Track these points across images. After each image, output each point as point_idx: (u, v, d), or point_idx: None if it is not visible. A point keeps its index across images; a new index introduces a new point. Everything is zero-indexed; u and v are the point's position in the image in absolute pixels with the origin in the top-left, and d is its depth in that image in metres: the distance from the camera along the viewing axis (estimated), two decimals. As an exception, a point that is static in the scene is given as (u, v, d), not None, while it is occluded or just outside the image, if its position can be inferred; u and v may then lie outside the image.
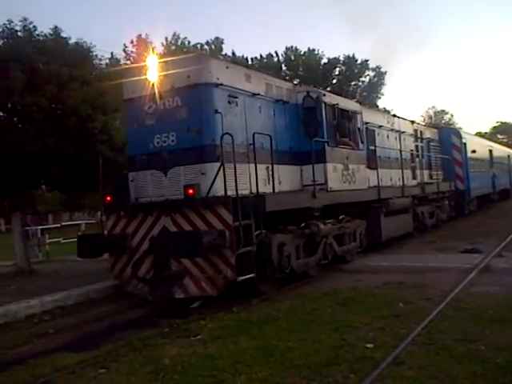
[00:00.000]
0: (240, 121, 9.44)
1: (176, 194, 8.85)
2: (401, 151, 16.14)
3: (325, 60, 48.99)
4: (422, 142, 19.18)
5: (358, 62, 49.95)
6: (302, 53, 48.90)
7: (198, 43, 47.61)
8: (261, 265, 8.87)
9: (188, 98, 8.87)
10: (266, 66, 45.13)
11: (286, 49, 49.28)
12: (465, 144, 23.31)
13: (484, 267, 10.38)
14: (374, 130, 14.42)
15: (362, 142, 13.00)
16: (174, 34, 46.50)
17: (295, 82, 11.58)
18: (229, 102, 9.20)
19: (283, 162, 10.31)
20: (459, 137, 23.24)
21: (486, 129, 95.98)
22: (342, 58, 49.59)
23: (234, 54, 47.27)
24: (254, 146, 9.12)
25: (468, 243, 13.72)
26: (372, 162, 13.75)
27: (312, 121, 11.05)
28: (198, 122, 8.79)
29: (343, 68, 49.71)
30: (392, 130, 16.08)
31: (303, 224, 10.25)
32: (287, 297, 8.81)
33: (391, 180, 15.25)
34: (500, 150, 37.57)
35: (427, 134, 20.27)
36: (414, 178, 17.53)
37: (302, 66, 48.34)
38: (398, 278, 9.82)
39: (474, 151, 24.76)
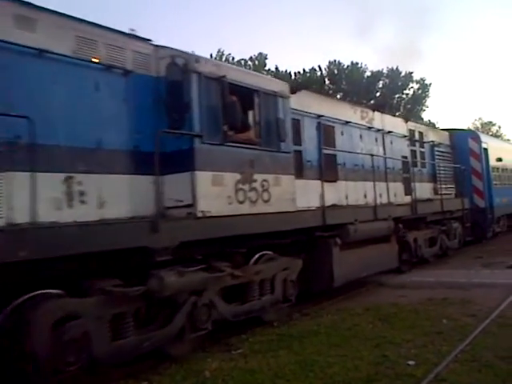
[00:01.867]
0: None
1: None
2: (385, 158, 12.42)
3: (368, 73, 48.81)
4: (422, 146, 14.89)
5: (402, 74, 49.52)
6: (345, 66, 48.83)
7: (242, 59, 48.35)
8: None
9: None
10: (309, 80, 45.30)
11: (329, 63, 49.33)
12: (486, 150, 18.96)
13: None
14: (332, 127, 10.53)
15: (283, 141, 8.27)
16: (219, 51, 47.39)
17: (156, 43, 7.17)
18: None
19: (112, 171, 6.28)
20: (478, 141, 18.72)
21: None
22: (385, 71, 49.31)
23: (277, 68, 47.68)
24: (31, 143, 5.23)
25: None
26: (330, 171, 10.11)
27: (177, 102, 6.98)
28: None
29: (387, 81, 49.36)
30: (370, 128, 12.01)
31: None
32: (328, 311, 8.78)
33: (365, 197, 11.20)
34: None
35: (431, 136, 15.78)
36: (409, 193, 13.08)
37: (346, 80, 48.25)
38: (441, 293, 9.66)
39: (499, 159, 20.45)
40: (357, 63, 48.71)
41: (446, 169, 16.33)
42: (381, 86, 49.36)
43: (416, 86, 50.55)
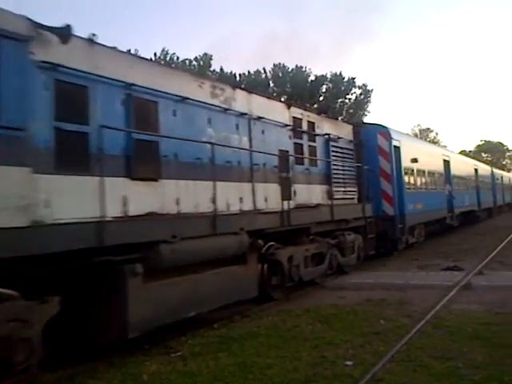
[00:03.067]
0: None
1: None
2: (251, 152, 9.45)
3: (312, 77, 49.52)
4: (312, 139, 11.90)
5: (345, 79, 50.56)
6: (290, 70, 49.36)
7: (187, 59, 47.96)
8: None
9: None
10: (253, 82, 45.46)
11: (274, 65, 49.74)
12: (398, 148, 16.50)
13: (464, 285, 10.47)
14: (154, 103, 7.50)
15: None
16: (163, 50, 46.80)
17: None
18: None
19: None
20: (388, 137, 15.98)
21: (471, 147, 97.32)
22: (329, 76, 50.18)
23: (222, 70, 47.62)
24: None
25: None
26: (146, 165, 7.14)
27: None
28: None
29: (330, 85, 50.25)
30: (227, 110, 9.00)
31: None
32: (268, 313, 8.80)
33: (213, 202, 8.13)
34: (464, 163, 30.31)
35: (327, 128, 12.69)
36: (288, 197, 10.25)
37: (290, 83, 48.76)
38: (379, 294, 9.88)
39: (414, 160, 18.04)
40: (301, 67, 49.39)
41: (345, 168, 13.33)
42: (324, 90, 50.21)
43: (358, 92, 51.77)
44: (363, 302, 9.30)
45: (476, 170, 32.36)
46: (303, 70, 49.46)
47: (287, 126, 10.91)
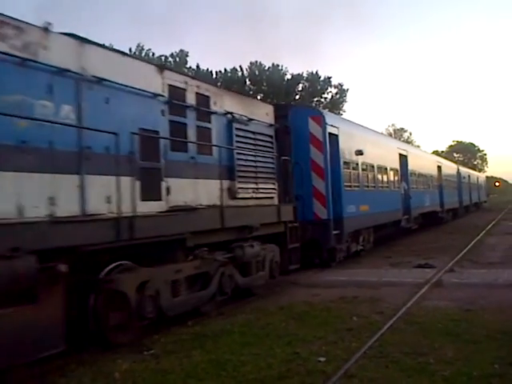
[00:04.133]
0: None
1: None
2: (79, 129, 6.46)
3: (288, 76, 49.71)
4: (205, 119, 9.02)
5: (321, 78, 50.89)
6: (267, 68, 49.45)
7: (163, 55, 47.59)
8: None
9: None
10: (230, 79, 45.40)
11: (251, 63, 49.79)
12: (335, 137, 13.62)
13: (436, 282, 10.63)
14: None
15: None
16: (138, 45, 46.37)
17: None
18: None
19: None
20: (322, 123, 13.05)
21: (444, 147, 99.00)
22: (305, 75, 50.44)
23: (198, 67, 47.42)
24: None
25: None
26: None
27: None
28: None
29: (306, 84, 50.51)
30: (28, 63, 5.91)
31: None
32: (242, 311, 8.79)
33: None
34: (425, 159, 27.78)
35: (229, 106, 9.72)
36: (154, 196, 7.64)
37: (266, 81, 48.83)
38: (353, 292, 9.96)
39: (359, 152, 15.17)
40: (278, 65, 49.54)
41: (259, 160, 10.33)
42: (300, 88, 50.45)
43: (334, 91, 52.17)
44: (336, 299, 9.36)
45: (439, 167, 29.83)
46: (280, 68, 49.59)
47: (158, 96, 7.94)
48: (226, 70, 48.73)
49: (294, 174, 11.83)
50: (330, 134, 13.36)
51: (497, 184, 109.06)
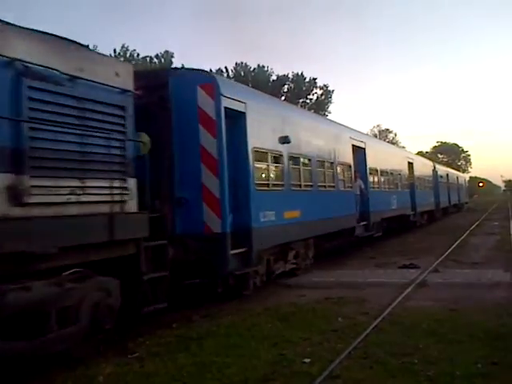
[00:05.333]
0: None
1: None
2: None
3: (274, 77, 49.81)
4: None
5: (307, 79, 51.06)
6: (252, 69, 49.50)
7: (148, 56, 47.42)
8: None
9: None
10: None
11: (236, 64, 49.81)
12: (241, 116, 9.85)
13: (420, 282, 10.70)
14: None
15: None
16: (123, 46, 46.15)
17: None
18: None
19: None
20: (215, 94, 9.06)
21: (428, 148, 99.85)
22: (290, 76, 50.57)
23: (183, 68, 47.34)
24: None
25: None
26: None
27: None
28: None
29: (292, 85, 50.65)
30: None
31: None
32: (228, 312, 8.75)
33: None
34: (391, 154, 23.58)
35: (22, 50, 5.73)
36: None
37: (252, 82, 48.84)
38: (338, 293, 9.96)
39: (285, 139, 11.15)
40: (263, 66, 49.61)
41: (89, 142, 6.52)
42: (286, 89, 50.57)
43: (320, 92, 52.37)
44: (322, 300, 9.37)
45: (410, 163, 25.89)
46: (265, 69, 49.67)
47: None
48: (211, 70, 48.77)
49: (176, 168, 8.96)
50: (229, 109, 9.33)
51: (481, 184, 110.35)
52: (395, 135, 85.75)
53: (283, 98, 49.64)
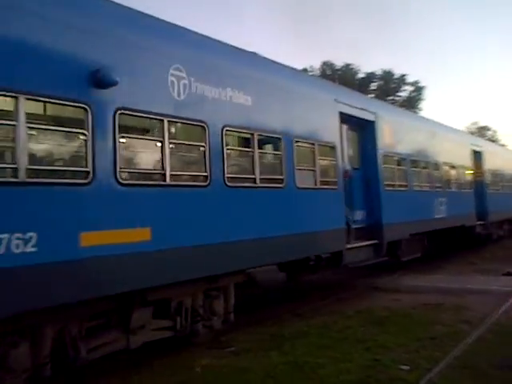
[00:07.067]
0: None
1: None
2: None
3: (361, 75, 48.82)
4: None
5: (395, 76, 49.55)
6: (339, 67, 48.80)
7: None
8: None
9: None
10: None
11: (323, 63, 49.29)
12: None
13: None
14: None
15: None
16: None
17: None
18: None
19: None
20: None
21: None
22: (378, 73, 49.31)
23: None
24: None
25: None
26: None
27: None
28: None
29: (380, 83, 49.38)
30: None
31: None
32: (319, 313, 8.69)
33: None
34: (435, 136, 14.77)
35: None
36: None
37: (339, 81, 48.19)
38: (436, 298, 9.56)
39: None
40: (349, 64, 48.71)
41: None
42: (374, 87, 49.39)
43: (410, 89, 50.65)
44: (418, 305, 9.02)
45: (477, 153, 18.38)
46: (351, 67, 48.78)
47: None
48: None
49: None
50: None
51: None
52: (495, 132, 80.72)
53: (371, 95, 48.59)
